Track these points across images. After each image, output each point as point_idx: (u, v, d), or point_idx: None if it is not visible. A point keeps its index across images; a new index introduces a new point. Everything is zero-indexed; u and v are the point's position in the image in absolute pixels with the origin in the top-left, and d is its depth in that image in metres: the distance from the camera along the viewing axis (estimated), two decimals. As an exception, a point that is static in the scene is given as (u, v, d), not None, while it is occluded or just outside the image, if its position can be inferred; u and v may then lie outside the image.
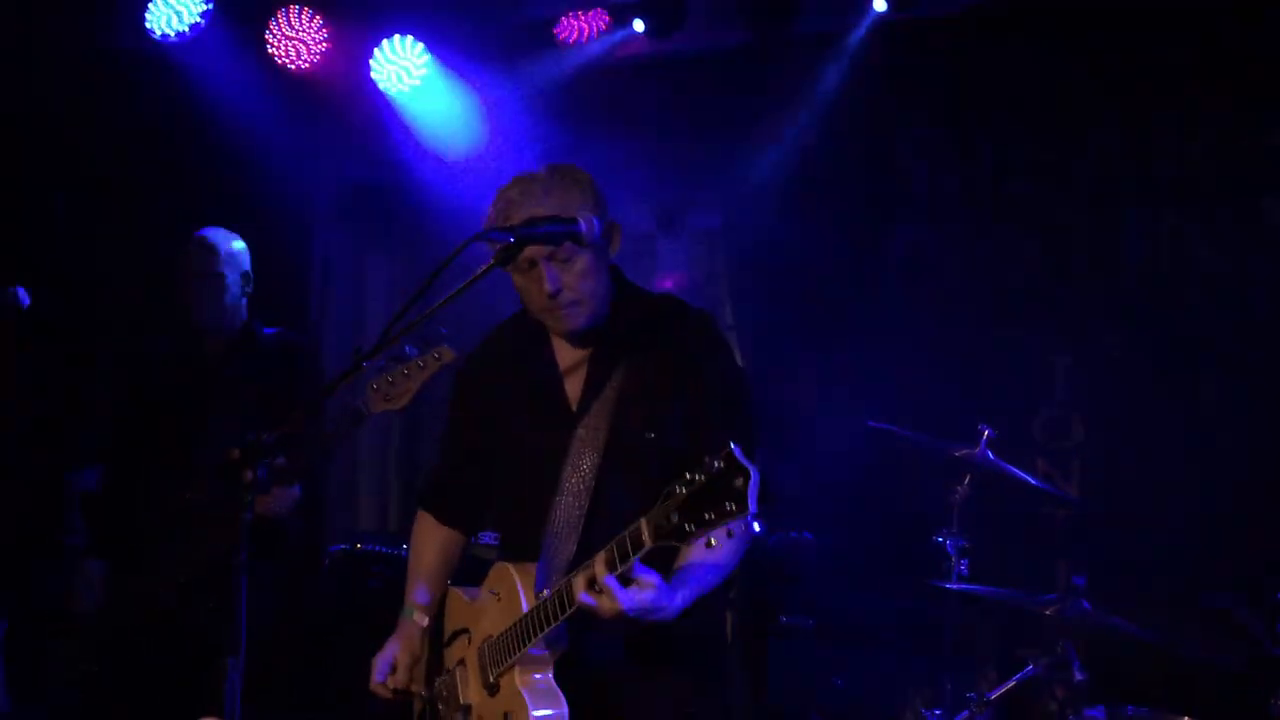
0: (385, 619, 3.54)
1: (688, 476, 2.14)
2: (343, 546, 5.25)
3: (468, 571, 3.01)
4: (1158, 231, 4.98)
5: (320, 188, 6.78)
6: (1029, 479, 4.20)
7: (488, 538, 4.57)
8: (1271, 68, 4.69)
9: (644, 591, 2.31)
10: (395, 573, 5.03)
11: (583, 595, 2.32)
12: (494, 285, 2.66)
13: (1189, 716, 3.74)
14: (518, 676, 2.55)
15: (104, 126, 5.49)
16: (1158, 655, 3.97)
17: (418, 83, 5.89)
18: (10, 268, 4.69)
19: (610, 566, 2.29)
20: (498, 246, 2.48)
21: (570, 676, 2.57)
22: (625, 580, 2.30)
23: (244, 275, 4.05)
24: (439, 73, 5.94)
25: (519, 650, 2.53)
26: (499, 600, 2.64)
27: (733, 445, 2.09)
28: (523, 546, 2.67)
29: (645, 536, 2.23)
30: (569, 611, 2.40)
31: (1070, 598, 3.80)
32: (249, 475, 2.50)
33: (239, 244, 4.07)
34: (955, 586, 4.07)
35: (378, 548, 5.19)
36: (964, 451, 4.10)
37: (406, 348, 3.29)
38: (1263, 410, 4.64)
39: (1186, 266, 4.91)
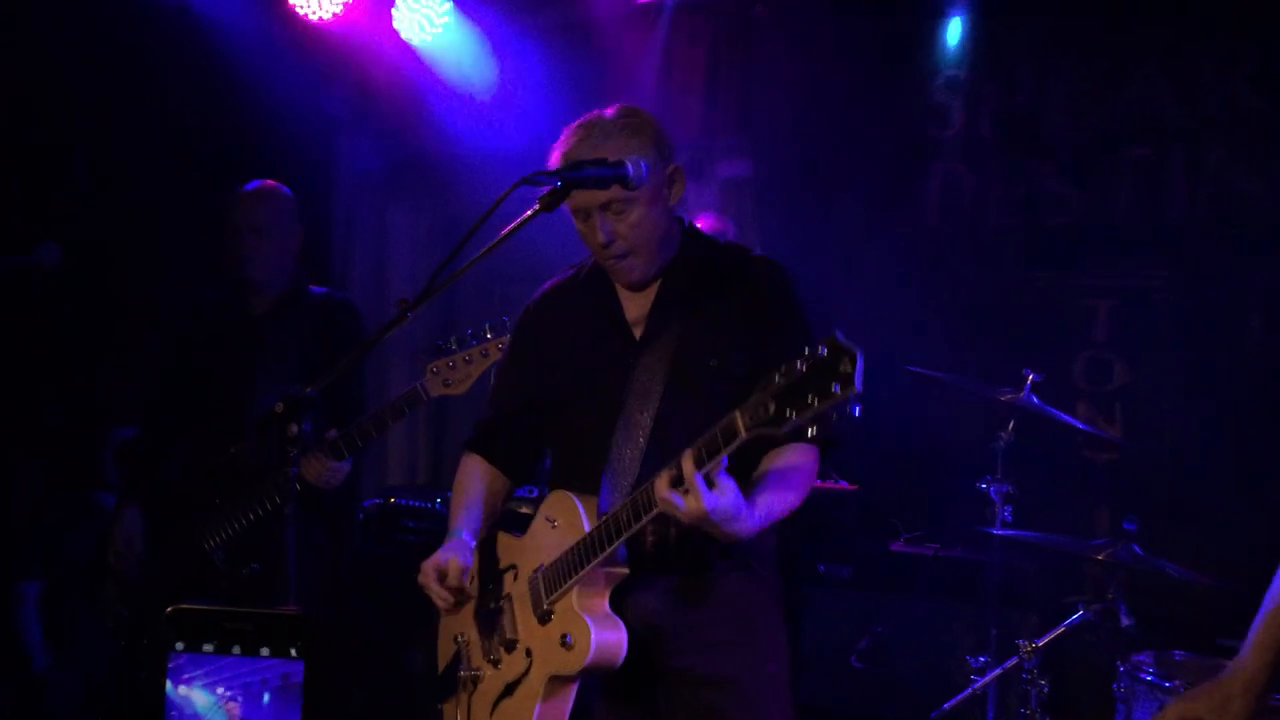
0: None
1: (784, 366, 2.08)
2: (376, 501, 5.24)
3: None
4: (1201, 168, 4.88)
5: (341, 141, 6.71)
6: (1076, 423, 4.13)
7: (521, 493, 4.58)
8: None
9: (726, 495, 2.25)
10: (431, 525, 5.05)
11: (670, 492, 2.24)
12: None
13: (1238, 660, 3.68)
14: (576, 600, 2.50)
15: (123, 81, 5.42)
16: (1206, 598, 3.92)
17: (440, 31, 5.81)
18: (38, 224, 4.64)
19: (698, 463, 2.23)
20: (544, 190, 2.42)
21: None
22: (709, 482, 2.23)
23: (293, 230, 3.96)
24: (460, 19, 5.86)
25: (580, 570, 2.47)
26: (555, 527, 2.58)
27: (837, 331, 2.03)
28: (581, 481, 2.60)
29: (740, 426, 2.16)
30: (647, 516, 2.34)
31: (1121, 542, 3.74)
32: (294, 429, 2.46)
33: (287, 197, 3.98)
34: (1001, 532, 4.02)
35: (411, 502, 5.18)
36: (1009, 396, 4.03)
37: (469, 332, 3.23)
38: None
39: (1231, 204, 4.82)
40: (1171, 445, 4.81)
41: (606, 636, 2.47)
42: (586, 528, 2.50)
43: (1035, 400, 4.05)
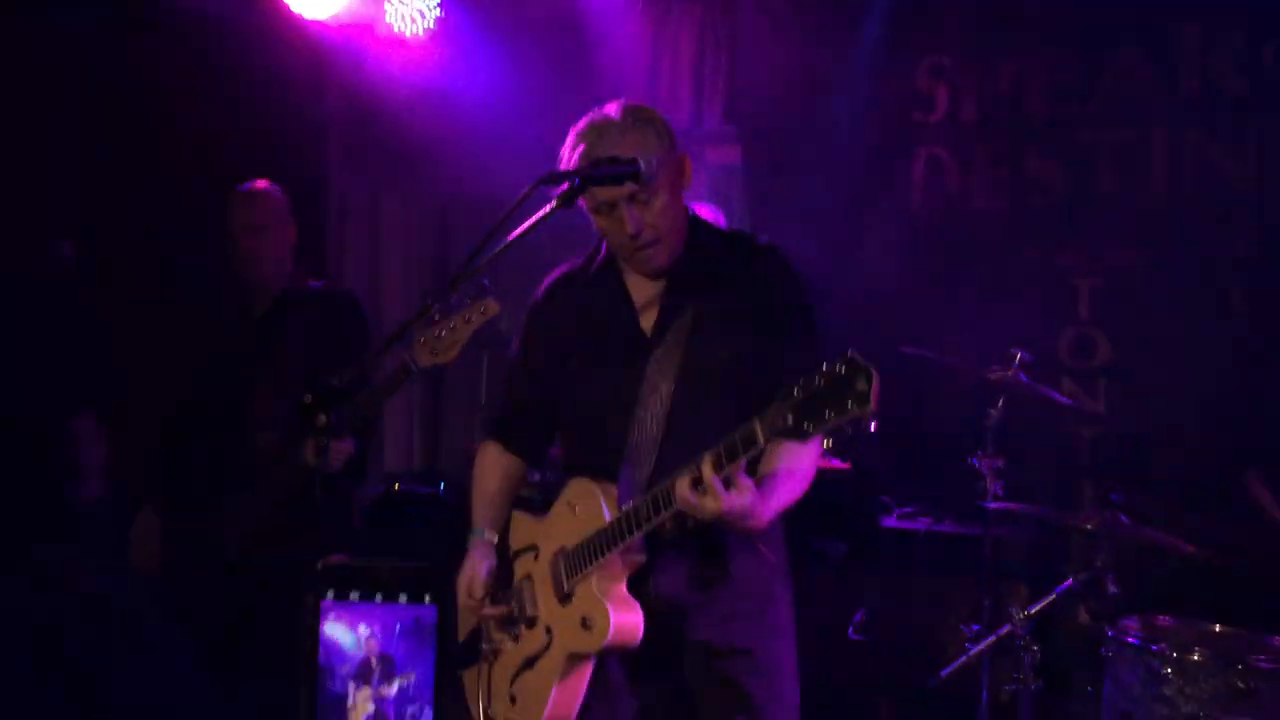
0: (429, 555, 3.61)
1: (803, 380, 2.21)
2: (379, 488, 5.34)
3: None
4: (1181, 149, 5.00)
5: (333, 130, 6.76)
6: (1063, 399, 4.26)
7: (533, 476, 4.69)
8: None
9: (743, 495, 2.37)
10: (435, 513, 5.16)
11: (690, 493, 2.36)
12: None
13: (1221, 624, 3.82)
14: (595, 584, 2.60)
15: (120, 76, 5.46)
16: (1189, 566, 4.05)
17: (432, 26, 5.87)
18: (41, 220, 4.69)
19: (717, 467, 2.35)
20: (561, 188, 2.53)
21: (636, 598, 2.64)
22: (726, 483, 2.36)
23: (289, 228, 4.07)
24: (450, 12, 5.93)
25: (600, 557, 2.59)
26: (576, 514, 2.69)
27: (851, 350, 2.16)
28: (596, 468, 2.71)
29: (759, 436, 2.28)
30: (666, 512, 2.46)
31: (1107, 512, 3.88)
32: (322, 419, 2.55)
33: (281, 196, 4.08)
34: (993, 506, 4.15)
35: (415, 488, 5.29)
36: (999, 374, 4.16)
37: (451, 300, 3.29)
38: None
39: (1210, 183, 4.94)
40: (1155, 419, 4.94)
41: (624, 619, 2.58)
42: (607, 517, 2.61)
43: (1024, 377, 4.18)
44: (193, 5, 5.68)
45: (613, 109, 2.70)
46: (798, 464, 2.58)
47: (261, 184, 4.07)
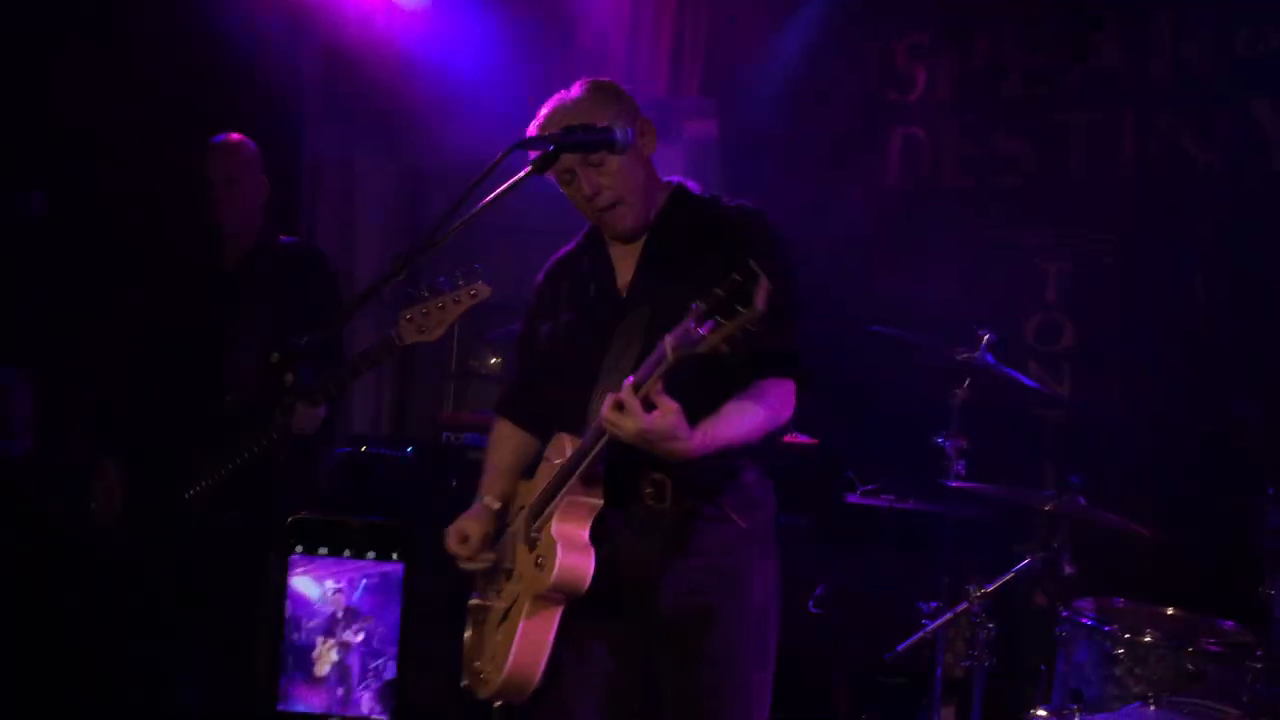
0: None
1: (709, 292, 2.27)
2: (346, 450, 5.33)
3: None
4: (1149, 131, 5.04)
5: (307, 86, 6.70)
6: (1027, 381, 4.30)
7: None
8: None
9: (665, 417, 2.41)
10: (397, 474, 5.16)
11: (611, 412, 2.42)
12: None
13: (1174, 608, 3.88)
14: (554, 525, 2.66)
15: (94, 29, 5.40)
16: (1146, 549, 4.11)
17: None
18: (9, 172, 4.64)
19: (636, 387, 2.41)
20: (535, 155, 2.57)
21: (600, 560, 2.66)
22: (648, 405, 2.41)
23: (261, 181, 4.06)
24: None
25: (555, 496, 2.66)
26: (551, 465, 2.77)
27: (752, 261, 2.21)
28: (573, 424, 2.76)
29: (667, 349, 2.34)
30: (601, 440, 2.52)
31: (1066, 494, 3.93)
32: (289, 378, 2.56)
33: (253, 149, 4.07)
34: (955, 484, 4.19)
35: (381, 450, 5.29)
36: (966, 355, 4.19)
37: (441, 279, 3.29)
38: (1254, 312, 4.75)
39: (1177, 167, 4.98)
40: (1116, 403, 5.00)
41: (570, 560, 2.62)
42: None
43: (990, 359, 4.21)
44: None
45: (577, 87, 2.78)
46: (749, 402, 2.61)
47: (234, 136, 4.06)
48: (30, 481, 4.47)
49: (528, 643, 2.66)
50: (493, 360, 6.16)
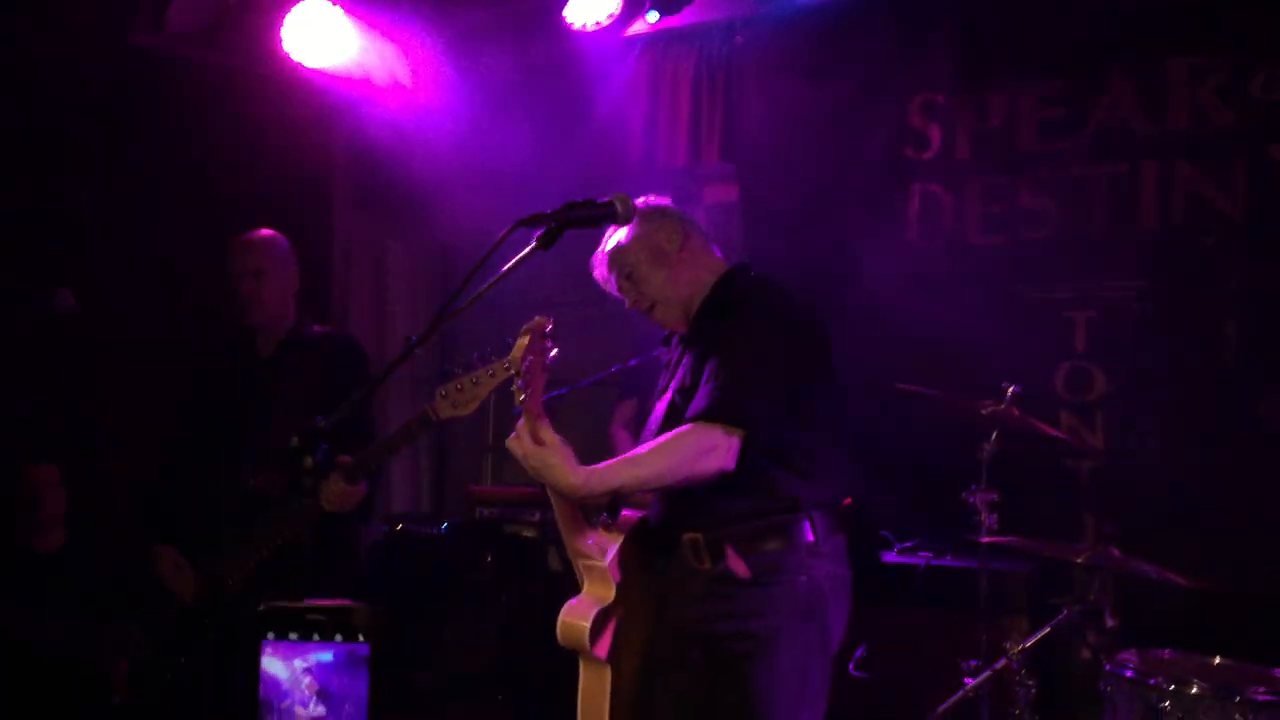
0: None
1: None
2: (383, 528, 5.37)
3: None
4: (1171, 181, 5.03)
5: (337, 176, 6.85)
6: (1053, 432, 4.28)
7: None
8: (1275, 18, 4.75)
9: (549, 452, 2.65)
10: (431, 551, 5.19)
11: (512, 439, 2.70)
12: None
13: (1221, 656, 3.81)
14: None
15: (126, 126, 5.56)
16: (1187, 599, 4.05)
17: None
18: (41, 270, 4.76)
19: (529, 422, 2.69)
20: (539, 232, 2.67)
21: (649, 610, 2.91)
22: (535, 438, 2.65)
23: (290, 274, 4.14)
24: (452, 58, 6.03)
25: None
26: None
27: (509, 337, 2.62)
28: None
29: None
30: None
31: (1100, 545, 3.89)
32: (309, 461, 2.60)
33: (282, 243, 4.17)
34: (987, 539, 4.16)
35: (418, 528, 5.32)
36: (992, 408, 4.19)
37: (474, 355, 3.36)
38: (1283, 354, 4.70)
39: (1200, 215, 4.96)
40: (1151, 451, 4.93)
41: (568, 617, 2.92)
42: None
43: (1016, 411, 4.20)
44: (198, 55, 5.79)
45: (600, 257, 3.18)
46: (643, 453, 2.77)
47: (263, 231, 4.16)
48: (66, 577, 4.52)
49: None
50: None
